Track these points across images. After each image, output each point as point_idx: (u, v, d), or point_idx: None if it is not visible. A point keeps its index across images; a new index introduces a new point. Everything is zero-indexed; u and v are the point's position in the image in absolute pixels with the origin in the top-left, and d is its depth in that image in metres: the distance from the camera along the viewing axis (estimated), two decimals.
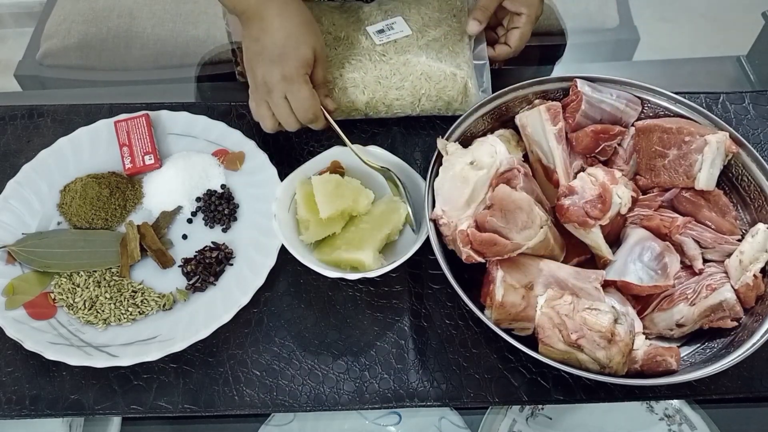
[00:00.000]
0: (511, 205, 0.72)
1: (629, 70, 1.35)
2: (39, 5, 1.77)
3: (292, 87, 0.82)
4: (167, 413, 0.75)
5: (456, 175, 0.75)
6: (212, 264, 0.82)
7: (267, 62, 0.82)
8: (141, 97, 0.98)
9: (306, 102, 0.83)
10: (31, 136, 0.95)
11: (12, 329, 0.76)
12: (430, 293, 0.82)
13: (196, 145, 0.92)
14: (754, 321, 0.74)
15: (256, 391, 0.76)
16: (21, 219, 0.85)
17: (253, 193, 0.88)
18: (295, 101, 0.83)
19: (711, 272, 0.77)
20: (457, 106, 0.93)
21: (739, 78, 1.15)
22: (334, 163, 0.86)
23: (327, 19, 0.97)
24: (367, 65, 0.93)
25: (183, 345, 0.75)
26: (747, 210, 0.82)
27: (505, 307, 0.71)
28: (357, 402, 0.75)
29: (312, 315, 0.81)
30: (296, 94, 0.82)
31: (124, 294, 0.80)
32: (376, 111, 0.93)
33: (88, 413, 0.75)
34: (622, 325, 0.68)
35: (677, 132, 0.79)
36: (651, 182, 0.82)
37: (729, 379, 0.76)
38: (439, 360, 0.78)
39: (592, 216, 0.75)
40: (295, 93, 0.82)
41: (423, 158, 0.92)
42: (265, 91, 0.83)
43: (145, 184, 0.89)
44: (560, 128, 0.80)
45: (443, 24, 0.97)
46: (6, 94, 1.31)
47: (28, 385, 0.76)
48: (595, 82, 0.84)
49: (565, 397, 0.76)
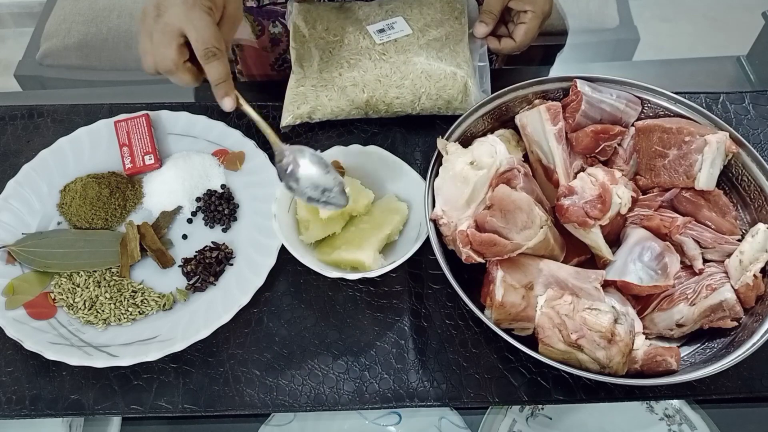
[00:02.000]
0: (511, 205, 0.72)
1: (629, 70, 1.35)
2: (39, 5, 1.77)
3: (192, 13, 0.69)
4: (167, 413, 0.75)
5: (456, 175, 0.75)
6: (212, 264, 0.82)
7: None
8: (141, 97, 0.98)
9: (207, 31, 0.70)
10: (31, 136, 0.95)
11: (12, 329, 0.76)
12: (430, 293, 0.82)
13: (196, 145, 0.92)
14: (754, 321, 0.74)
15: (256, 391, 0.76)
16: (21, 219, 0.85)
17: (253, 193, 0.88)
18: (194, 30, 0.70)
19: (711, 272, 0.77)
20: (457, 105, 0.93)
21: (739, 78, 1.15)
22: (334, 163, 0.86)
23: (326, 19, 0.97)
24: (367, 64, 0.93)
25: (183, 345, 0.75)
26: (747, 210, 0.82)
27: (505, 307, 0.71)
28: (357, 402, 0.75)
29: (312, 315, 0.81)
30: (195, 21, 0.70)
31: (124, 294, 0.80)
32: (376, 110, 0.93)
33: (88, 413, 0.75)
34: (622, 325, 0.68)
35: (677, 132, 0.79)
36: (651, 182, 0.82)
37: (729, 379, 0.76)
38: (439, 360, 0.78)
39: (591, 216, 0.75)
40: (194, 20, 0.70)
41: (423, 158, 0.92)
42: (153, 17, 0.71)
43: (145, 184, 0.89)
44: (560, 128, 0.80)
45: (444, 24, 0.97)
46: (6, 94, 1.31)
47: (28, 385, 0.76)
48: (595, 82, 0.84)
49: (565, 397, 0.76)
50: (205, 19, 0.71)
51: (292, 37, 0.97)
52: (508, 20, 0.97)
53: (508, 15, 0.96)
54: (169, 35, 0.71)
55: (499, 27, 0.96)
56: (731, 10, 2.27)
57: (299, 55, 0.95)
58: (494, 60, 1.10)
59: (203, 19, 0.70)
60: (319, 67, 0.94)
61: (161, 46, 0.71)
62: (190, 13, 0.70)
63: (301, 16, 0.98)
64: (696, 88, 0.99)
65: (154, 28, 0.71)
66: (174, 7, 0.70)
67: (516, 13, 0.95)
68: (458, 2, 0.99)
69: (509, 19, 0.97)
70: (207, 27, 0.70)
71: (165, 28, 0.71)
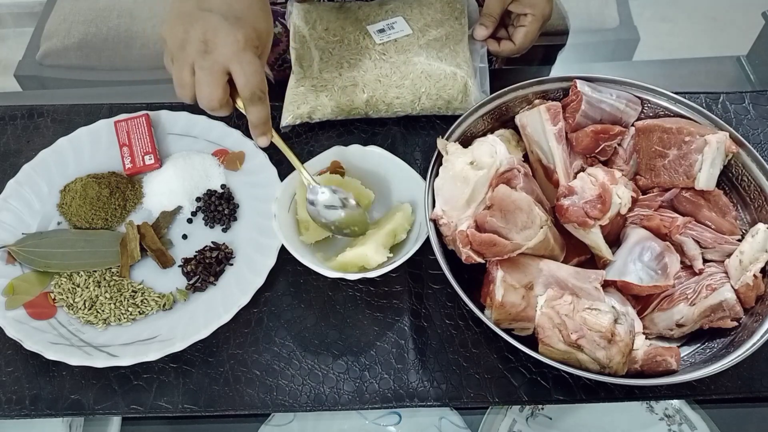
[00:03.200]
0: (511, 206, 0.72)
1: (629, 70, 1.35)
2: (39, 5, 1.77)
3: (243, 56, 0.69)
4: (167, 413, 0.75)
5: (456, 175, 0.75)
6: (212, 264, 0.82)
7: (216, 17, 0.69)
8: (141, 97, 0.98)
9: (256, 76, 0.69)
10: (31, 136, 0.95)
11: (12, 329, 0.76)
12: (430, 293, 0.82)
13: (196, 145, 0.92)
14: (754, 321, 0.74)
15: (256, 391, 0.76)
16: (21, 219, 0.85)
17: (253, 193, 0.88)
18: (243, 73, 0.69)
19: (711, 272, 0.77)
20: (457, 105, 0.93)
21: (739, 78, 1.15)
22: (334, 163, 0.86)
23: (326, 19, 0.97)
24: (367, 64, 0.93)
25: (183, 345, 0.75)
26: (747, 210, 0.82)
27: (505, 307, 0.71)
28: (357, 402, 0.75)
29: (312, 315, 0.81)
30: (245, 64, 0.69)
31: (124, 294, 0.80)
32: (376, 110, 0.93)
33: (88, 413, 0.75)
34: (622, 325, 0.68)
35: (677, 132, 0.79)
36: (651, 182, 0.82)
37: (729, 379, 0.76)
38: (439, 360, 0.78)
39: (591, 216, 0.75)
40: (245, 63, 0.69)
41: (423, 158, 0.92)
42: (200, 51, 0.69)
43: (145, 184, 0.89)
44: (560, 128, 0.80)
45: (445, 24, 0.97)
46: (6, 94, 1.31)
47: (28, 385, 0.76)
48: (595, 82, 0.84)
49: (565, 397, 0.76)
50: (255, 63, 0.69)
51: (292, 37, 0.97)
52: (507, 23, 0.97)
53: (508, 18, 0.96)
54: (217, 75, 0.69)
55: (498, 29, 0.96)
56: (731, 10, 2.27)
57: (299, 55, 0.96)
58: (494, 60, 1.10)
59: (254, 63, 0.69)
60: (319, 67, 0.94)
61: (207, 85, 0.70)
62: (240, 54, 0.68)
63: (301, 16, 0.98)
64: (696, 88, 0.99)
65: (200, 63, 0.69)
66: (225, 47, 0.68)
67: (516, 16, 0.95)
68: (458, 2, 0.99)
69: (509, 22, 0.97)
70: (256, 72, 0.69)
71: (213, 66, 0.69)
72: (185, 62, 0.70)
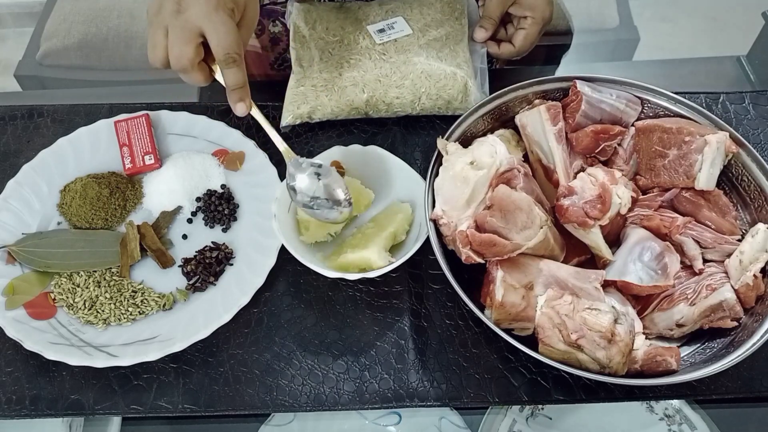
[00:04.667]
0: (510, 206, 0.72)
1: (629, 70, 1.35)
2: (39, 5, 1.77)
3: (216, 15, 0.68)
4: (167, 413, 0.75)
5: (456, 175, 0.75)
6: (212, 264, 0.82)
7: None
8: (141, 97, 0.98)
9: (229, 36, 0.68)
10: (31, 136, 0.95)
11: (12, 329, 0.76)
12: (430, 293, 0.82)
13: (196, 145, 0.92)
14: (754, 321, 0.74)
15: (256, 391, 0.76)
16: (21, 219, 0.85)
17: (253, 193, 0.88)
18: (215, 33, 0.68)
19: (711, 272, 0.77)
20: (457, 105, 0.93)
21: (739, 78, 1.15)
22: (335, 163, 0.86)
23: (326, 19, 0.98)
24: (367, 64, 0.93)
25: (183, 345, 0.75)
26: (747, 210, 0.82)
27: (505, 307, 0.71)
28: (357, 402, 0.75)
29: (312, 315, 0.81)
30: (218, 24, 0.68)
31: (124, 294, 0.80)
32: (376, 110, 0.93)
33: (88, 413, 0.75)
34: (622, 325, 0.68)
35: (677, 132, 0.79)
36: (651, 182, 0.82)
37: (729, 379, 0.76)
38: (439, 360, 0.78)
39: (591, 216, 0.75)
40: (218, 23, 0.68)
41: (423, 158, 0.92)
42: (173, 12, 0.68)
43: (145, 184, 0.89)
44: (560, 128, 0.80)
45: (445, 24, 0.97)
46: (6, 94, 1.31)
47: (28, 385, 0.76)
48: (595, 82, 0.84)
49: (565, 397, 0.76)
50: (227, 23, 0.69)
51: (292, 37, 0.97)
52: (507, 23, 0.97)
53: (508, 20, 0.96)
54: (189, 33, 0.70)
55: (498, 31, 0.96)
56: (731, 10, 2.27)
57: (299, 55, 0.96)
58: (494, 61, 1.10)
59: (226, 23, 0.69)
60: (319, 67, 0.94)
61: (178, 42, 0.70)
62: (212, 14, 0.68)
63: (301, 16, 0.98)
64: (696, 88, 0.99)
65: (172, 23, 0.69)
66: (196, 5, 0.68)
67: (516, 19, 0.95)
68: (458, 3, 0.99)
69: (509, 21, 0.97)
70: (229, 32, 0.69)
71: (185, 25, 0.69)
72: (160, 24, 0.70)
